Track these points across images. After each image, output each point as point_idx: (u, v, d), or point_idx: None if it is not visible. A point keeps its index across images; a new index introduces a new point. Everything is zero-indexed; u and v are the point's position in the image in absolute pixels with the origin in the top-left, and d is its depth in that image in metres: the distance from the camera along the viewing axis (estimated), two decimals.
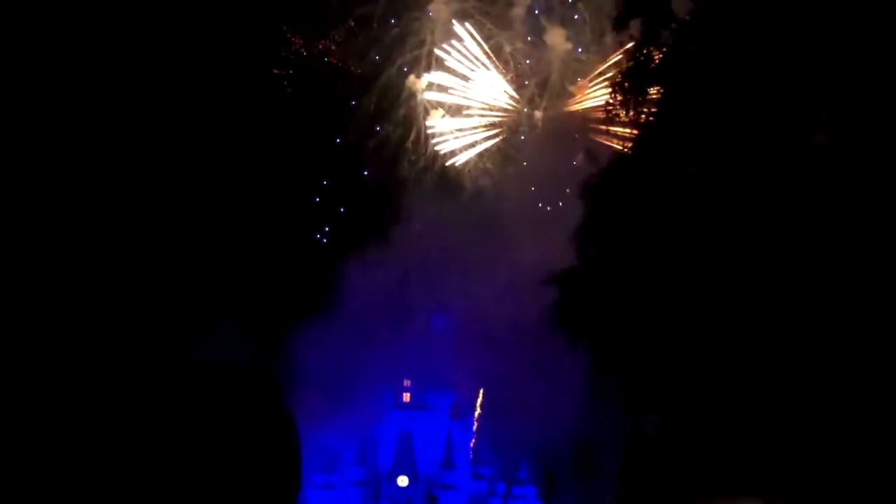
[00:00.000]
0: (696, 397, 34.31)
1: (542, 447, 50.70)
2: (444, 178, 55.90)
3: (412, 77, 54.57)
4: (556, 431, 49.01)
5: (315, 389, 47.15)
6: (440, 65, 54.05)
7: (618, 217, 37.73)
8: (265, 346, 44.11)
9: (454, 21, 53.24)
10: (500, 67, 54.26)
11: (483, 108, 55.21)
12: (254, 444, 4.97)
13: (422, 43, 54.16)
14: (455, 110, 55.03)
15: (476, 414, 53.31)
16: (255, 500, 4.92)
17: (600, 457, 48.77)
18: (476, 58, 53.79)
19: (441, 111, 54.94)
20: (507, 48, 54.19)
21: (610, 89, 41.24)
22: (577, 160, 50.21)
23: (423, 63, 54.51)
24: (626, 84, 37.60)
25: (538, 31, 54.30)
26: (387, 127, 54.83)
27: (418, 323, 52.89)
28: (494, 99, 55.08)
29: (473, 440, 53.37)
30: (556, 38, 54.21)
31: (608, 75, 50.36)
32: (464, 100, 54.94)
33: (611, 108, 39.98)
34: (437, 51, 53.97)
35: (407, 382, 52.52)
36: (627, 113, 38.29)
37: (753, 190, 33.29)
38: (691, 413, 34.62)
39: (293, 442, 5.13)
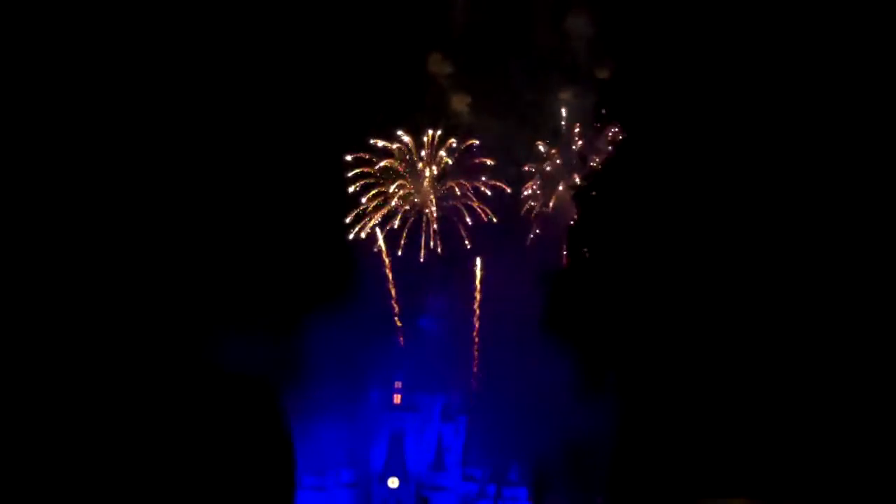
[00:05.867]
0: (685, 400, 34.48)
1: (532, 449, 50.84)
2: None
3: (435, 61, 53.58)
4: (546, 433, 49.13)
5: (307, 392, 47.21)
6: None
7: (608, 221, 37.86)
8: (262, 347, 44.22)
9: None
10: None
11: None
12: (249, 447, 5.11)
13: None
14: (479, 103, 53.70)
15: (466, 416, 53.46)
16: (250, 501, 5.06)
17: (591, 458, 48.91)
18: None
19: (468, 99, 53.56)
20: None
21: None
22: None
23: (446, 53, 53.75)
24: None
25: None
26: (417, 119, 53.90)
27: (410, 326, 53.10)
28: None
29: (464, 442, 53.50)
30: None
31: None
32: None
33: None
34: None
35: (398, 384, 52.58)
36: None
37: (746, 193, 33.43)
38: (681, 416, 34.80)
39: (287, 445, 5.27)
